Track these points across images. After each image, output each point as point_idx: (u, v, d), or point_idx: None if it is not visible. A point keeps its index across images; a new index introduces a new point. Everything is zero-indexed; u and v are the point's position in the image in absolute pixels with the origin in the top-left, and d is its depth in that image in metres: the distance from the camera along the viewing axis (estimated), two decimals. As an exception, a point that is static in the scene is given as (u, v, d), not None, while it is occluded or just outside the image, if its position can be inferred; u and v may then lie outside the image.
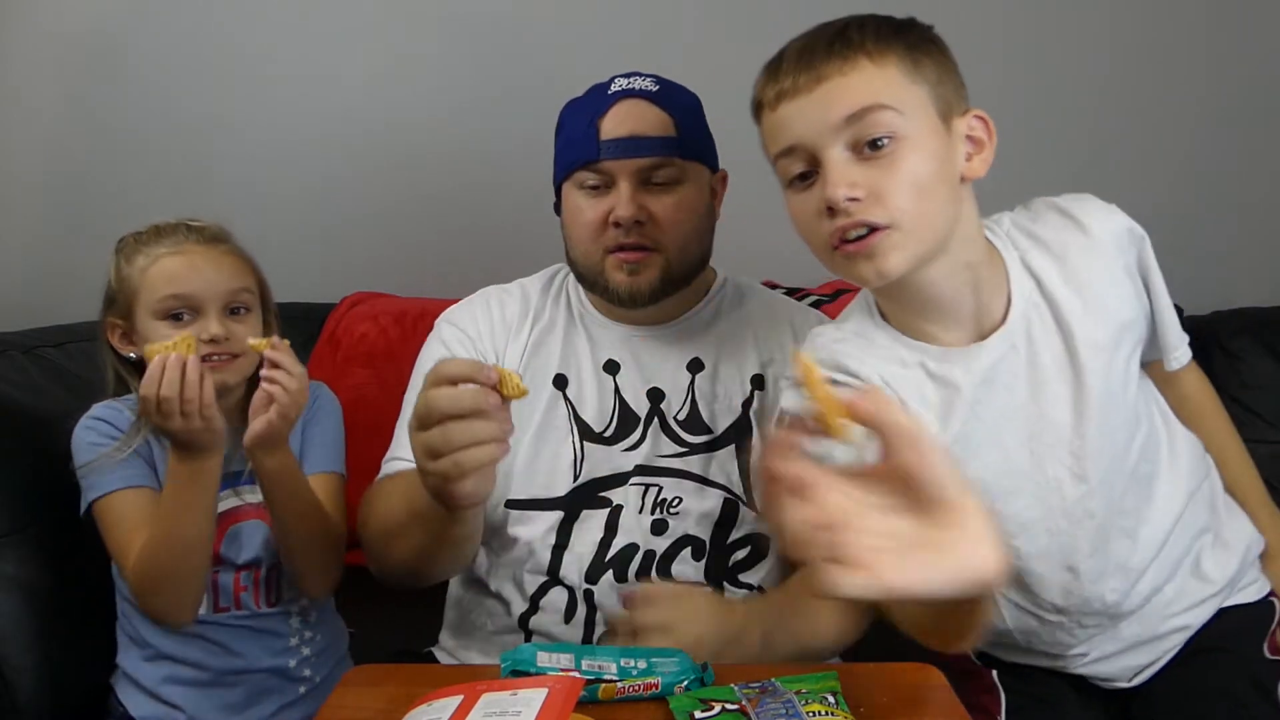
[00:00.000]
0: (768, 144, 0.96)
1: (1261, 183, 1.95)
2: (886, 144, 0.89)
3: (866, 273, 0.93)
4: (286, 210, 1.91)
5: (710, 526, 1.21)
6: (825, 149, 0.89)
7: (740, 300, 1.30)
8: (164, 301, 1.20)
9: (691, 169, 1.20)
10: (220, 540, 1.22)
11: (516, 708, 0.78)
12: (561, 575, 1.20)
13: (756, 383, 1.24)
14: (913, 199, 0.90)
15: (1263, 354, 1.72)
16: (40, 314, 1.67)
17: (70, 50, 1.91)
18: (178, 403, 1.07)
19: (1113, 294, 1.04)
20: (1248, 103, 1.93)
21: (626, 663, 0.95)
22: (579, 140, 1.19)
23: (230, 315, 1.23)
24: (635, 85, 1.20)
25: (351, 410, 1.39)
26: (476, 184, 1.95)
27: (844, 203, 0.89)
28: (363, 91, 1.93)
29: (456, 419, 0.84)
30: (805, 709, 0.84)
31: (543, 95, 1.92)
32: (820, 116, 0.89)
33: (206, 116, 1.92)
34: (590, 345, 1.26)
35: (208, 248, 1.24)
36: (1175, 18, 1.91)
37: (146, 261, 1.22)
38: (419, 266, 1.93)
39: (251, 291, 1.26)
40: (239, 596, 1.25)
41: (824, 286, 1.82)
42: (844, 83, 0.89)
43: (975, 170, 0.97)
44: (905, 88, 0.91)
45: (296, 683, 1.29)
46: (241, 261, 1.26)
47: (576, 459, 1.21)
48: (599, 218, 1.18)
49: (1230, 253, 1.93)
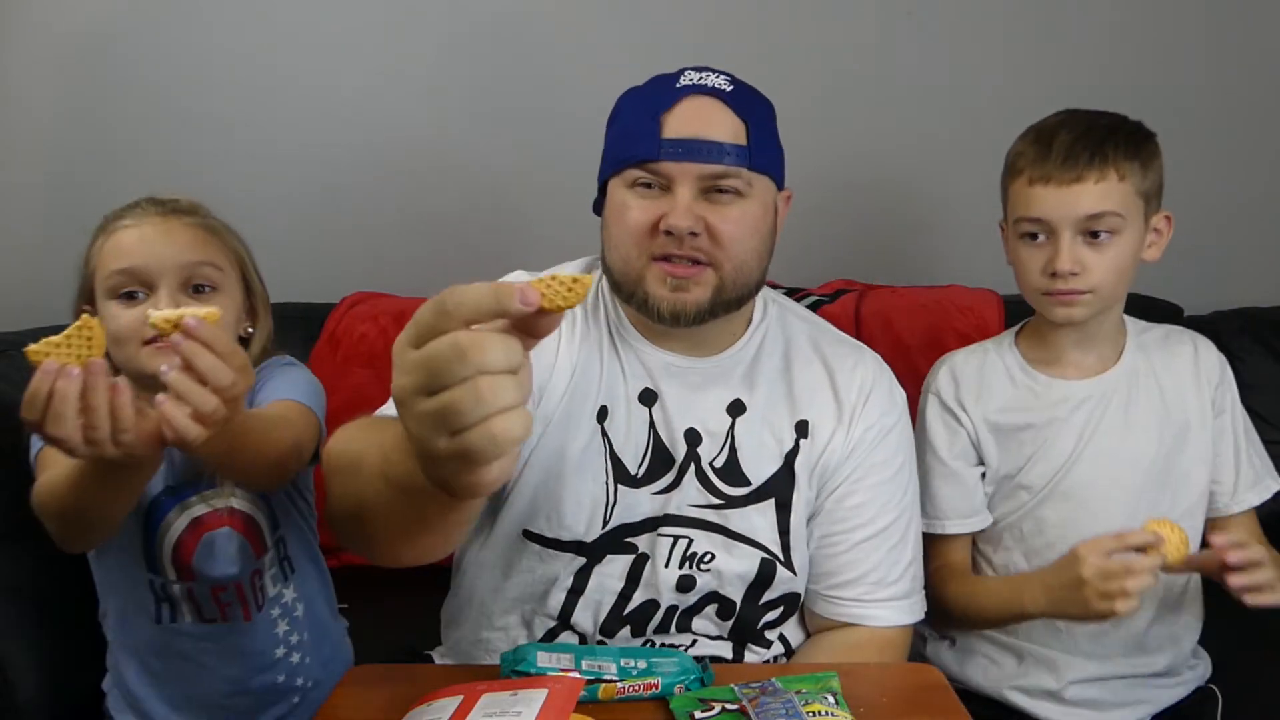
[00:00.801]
0: (1016, 204, 1.21)
1: (1261, 183, 1.96)
2: (1106, 236, 1.17)
3: (1059, 316, 1.20)
4: (286, 211, 1.91)
5: (743, 587, 1.12)
6: (1063, 231, 1.17)
7: (783, 336, 1.18)
8: (111, 278, 1.08)
9: (759, 183, 1.08)
10: (192, 553, 1.14)
11: (516, 708, 0.78)
12: (574, 622, 1.11)
13: (801, 430, 1.13)
14: (1111, 278, 1.18)
15: (1263, 354, 1.73)
16: (40, 314, 1.67)
17: (69, 51, 1.91)
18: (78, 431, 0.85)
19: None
20: (1248, 103, 1.93)
21: (626, 663, 0.95)
22: (638, 135, 1.06)
23: (192, 293, 1.10)
24: (707, 81, 1.08)
25: (351, 410, 1.37)
26: (477, 184, 1.95)
27: (1068, 276, 1.17)
28: (363, 92, 1.92)
29: (487, 375, 0.59)
30: (805, 709, 0.84)
31: (543, 96, 1.94)
32: (1069, 210, 1.16)
33: (206, 117, 1.92)
34: (627, 370, 1.13)
35: (164, 219, 1.12)
36: (1175, 17, 1.91)
37: (104, 238, 1.12)
38: (419, 266, 1.93)
39: (219, 268, 1.13)
40: (225, 611, 1.17)
41: (824, 287, 1.82)
42: (1094, 189, 1.15)
43: (1152, 256, 1.23)
44: (1132, 198, 1.18)
45: (290, 693, 1.24)
46: (205, 234, 1.13)
47: (609, 504, 1.10)
48: (649, 221, 1.05)
49: (1230, 253, 1.94)
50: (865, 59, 1.92)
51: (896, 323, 1.70)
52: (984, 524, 1.27)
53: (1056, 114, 1.22)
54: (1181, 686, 1.29)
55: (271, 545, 1.20)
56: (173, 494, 1.15)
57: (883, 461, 1.15)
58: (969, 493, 1.27)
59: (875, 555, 1.14)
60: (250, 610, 1.18)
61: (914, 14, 1.90)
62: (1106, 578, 1.05)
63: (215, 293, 1.12)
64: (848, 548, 1.14)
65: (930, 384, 1.32)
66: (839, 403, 1.15)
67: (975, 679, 1.28)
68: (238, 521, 1.16)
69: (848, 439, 1.13)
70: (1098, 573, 1.06)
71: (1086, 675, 1.25)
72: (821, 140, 1.93)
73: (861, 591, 1.14)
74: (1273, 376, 1.71)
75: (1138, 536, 1.06)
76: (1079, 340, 1.26)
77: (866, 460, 1.14)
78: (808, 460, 1.13)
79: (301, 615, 1.25)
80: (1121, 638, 1.25)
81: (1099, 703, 1.25)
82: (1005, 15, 1.90)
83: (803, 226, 1.90)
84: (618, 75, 1.21)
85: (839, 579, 1.14)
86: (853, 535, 1.13)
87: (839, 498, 1.14)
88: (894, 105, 1.92)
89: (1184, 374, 1.27)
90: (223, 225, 1.18)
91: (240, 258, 1.18)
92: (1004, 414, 1.27)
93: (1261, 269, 1.95)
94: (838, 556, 1.14)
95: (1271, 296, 1.86)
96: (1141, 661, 1.26)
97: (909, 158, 1.94)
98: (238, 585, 1.17)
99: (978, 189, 1.40)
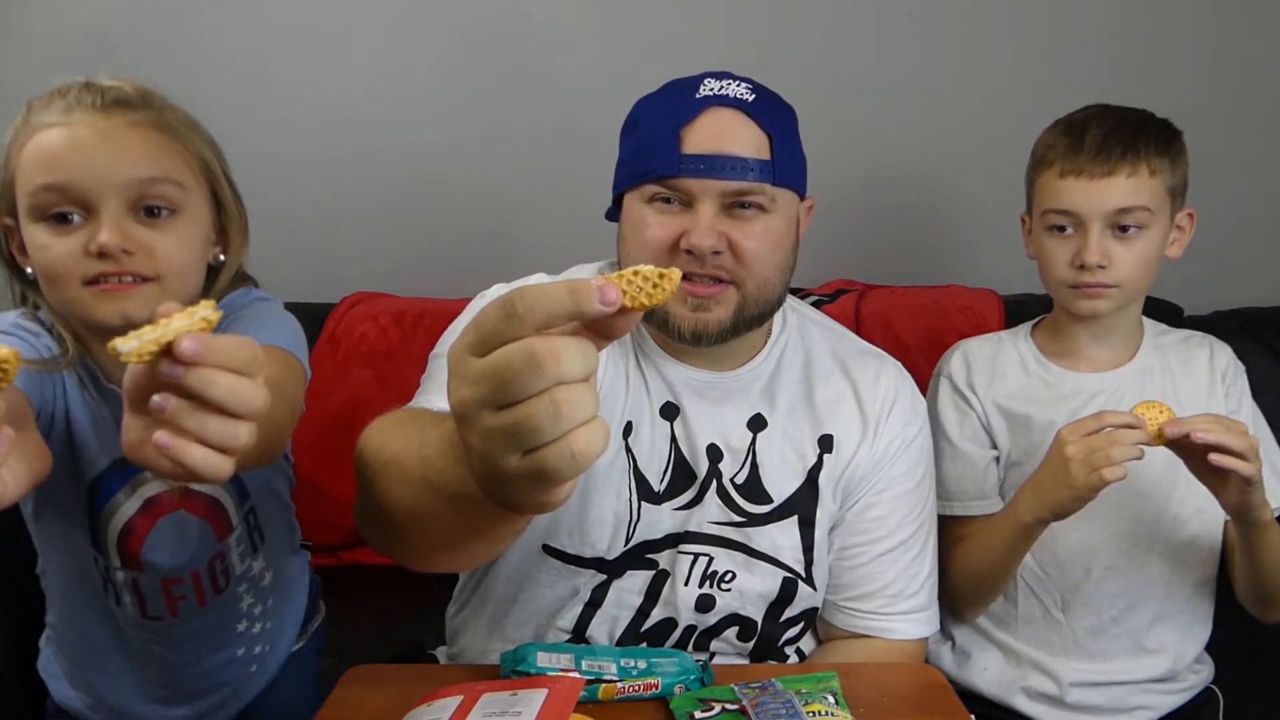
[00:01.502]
0: (1044, 196, 1.20)
1: (1262, 183, 1.95)
2: (1134, 231, 1.17)
3: (1084, 309, 1.21)
4: (287, 211, 1.90)
5: (764, 606, 1.10)
6: (1092, 224, 1.17)
7: (803, 348, 1.16)
8: (37, 194, 0.86)
9: (782, 197, 1.05)
10: (142, 541, 0.99)
11: (516, 708, 0.78)
12: (589, 636, 1.09)
13: (825, 445, 1.11)
14: (1137, 271, 1.19)
15: (1263, 354, 1.72)
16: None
17: (69, 52, 1.90)
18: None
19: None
20: (1248, 103, 1.93)
21: (626, 663, 0.95)
22: (656, 149, 1.02)
23: (144, 217, 0.88)
24: (729, 92, 1.03)
25: (351, 410, 1.39)
26: (477, 185, 1.95)
27: (1095, 269, 1.17)
28: (364, 93, 1.92)
29: (564, 385, 0.53)
30: (805, 709, 0.84)
31: (543, 97, 1.94)
32: (1099, 202, 1.16)
33: (206, 116, 1.88)
34: (649, 384, 1.10)
35: (105, 116, 0.87)
36: (1176, 17, 1.91)
37: (26, 134, 0.88)
38: (419, 266, 1.93)
39: (179, 184, 0.90)
40: (174, 605, 1.02)
41: (824, 287, 1.82)
42: (1125, 183, 1.16)
43: (1174, 253, 1.24)
44: (1161, 194, 1.18)
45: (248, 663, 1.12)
46: (161, 137, 0.90)
47: (632, 521, 1.07)
48: (669, 238, 1.02)
49: (1230, 253, 1.93)
50: (866, 60, 1.91)
51: (896, 323, 1.70)
52: (994, 508, 1.25)
53: (1085, 108, 1.22)
54: (1184, 692, 1.28)
55: (239, 521, 1.04)
56: (121, 470, 0.97)
57: (905, 473, 1.13)
58: (979, 475, 1.26)
59: (895, 568, 1.12)
60: (207, 597, 1.04)
61: (914, 14, 1.90)
62: (1090, 450, 1.05)
63: (175, 216, 0.90)
64: (868, 560, 1.12)
65: (943, 368, 1.32)
66: (863, 415, 1.12)
67: (975, 681, 1.28)
68: (198, 505, 1.00)
69: (873, 451, 1.12)
70: (1081, 447, 1.06)
71: (1087, 679, 1.24)
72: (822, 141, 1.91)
73: (880, 604, 1.12)
74: (1273, 376, 1.70)
75: (1118, 417, 1.07)
76: (1096, 335, 1.26)
77: (889, 472, 1.12)
78: (832, 475, 1.11)
79: (270, 582, 1.10)
80: (1121, 636, 1.25)
81: (1100, 708, 1.25)
82: (1006, 15, 1.90)
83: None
84: (619, 78, 1.21)
85: (857, 591, 1.13)
86: (874, 548, 1.12)
87: (861, 509, 1.12)
88: (894, 105, 1.92)
89: (1200, 377, 1.28)
90: (184, 121, 0.95)
91: (207, 165, 0.96)
92: (1014, 401, 1.26)
93: (1261, 269, 1.95)
94: (858, 569, 1.13)
95: (1271, 296, 1.85)
96: (1142, 664, 1.25)
97: (909, 158, 1.94)
98: (194, 574, 1.02)
99: (979, 189, 1.40)
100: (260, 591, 1.10)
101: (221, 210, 0.97)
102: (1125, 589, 1.24)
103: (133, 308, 0.85)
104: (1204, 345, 1.31)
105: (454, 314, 1.26)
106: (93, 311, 0.86)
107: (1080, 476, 1.05)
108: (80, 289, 0.86)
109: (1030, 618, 1.26)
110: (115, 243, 0.84)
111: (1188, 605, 1.27)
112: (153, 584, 1.01)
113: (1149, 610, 1.25)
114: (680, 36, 1.89)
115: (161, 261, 0.88)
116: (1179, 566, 1.25)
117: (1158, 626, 1.26)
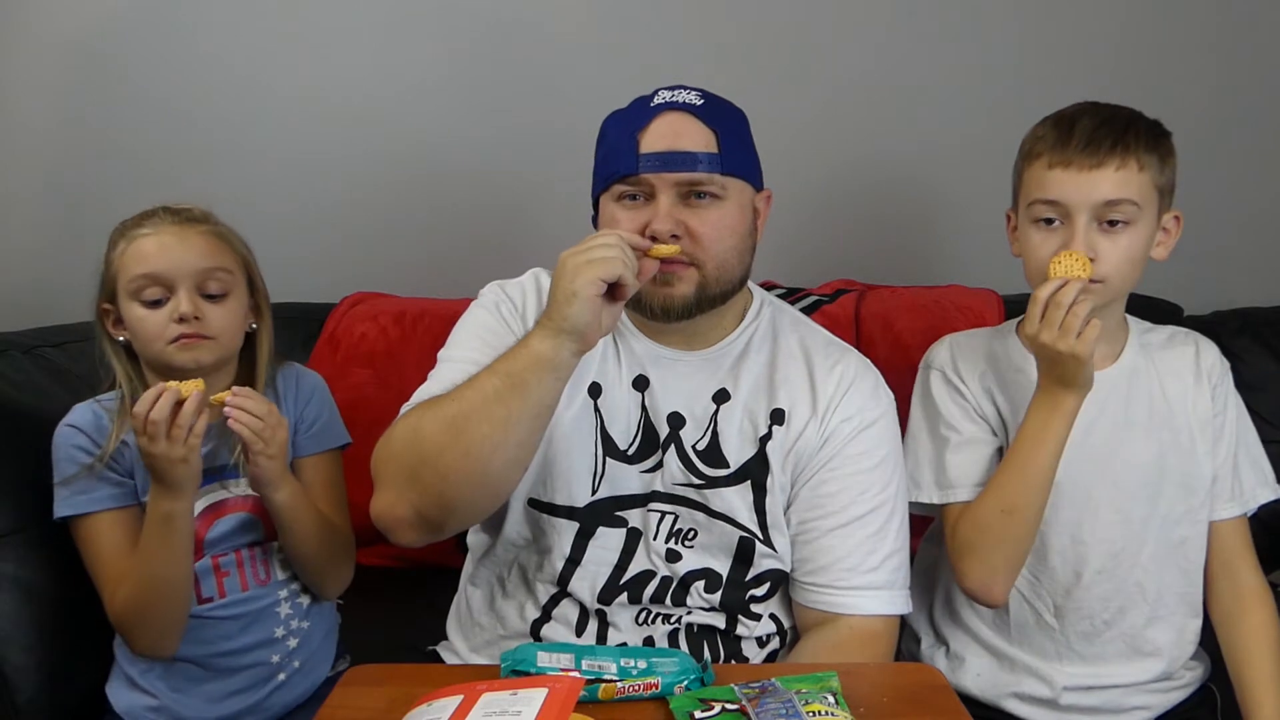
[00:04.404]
0: (1031, 188, 1.19)
1: (1261, 183, 1.96)
2: (1121, 226, 1.16)
3: None
4: (287, 211, 1.91)
5: (728, 562, 1.20)
6: (1079, 216, 1.15)
7: (772, 335, 1.27)
8: (135, 281, 1.20)
9: (733, 186, 1.17)
10: (204, 534, 1.22)
11: (516, 708, 0.78)
12: (571, 589, 1.19)
13: (776, 417, 1.21)
14: (1124, 268, 1.17)
15: (1262, 354, 1.73)
16: (40, 314, 1.67)
17: (69, 52, 1.91)
18: (165, 425, 1.08)
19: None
20: (1248, 103, 1.93)
21: (626, 663, 0.95)
22: (619, 153, 1.16)
23: (207, 298, 1.22)
24: (679, 98, 1.17)
25: (351, 410, 1.39)
26: (476, 185, 1.95)
27: None
28: (363, 94, 1.93)
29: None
30: (805, 709, 0.84)
31: (543, 96, 1.94)
32: (1087, 194, 1.15)
33: (207, 119, 1.92)
34: (623, 358, 1.23)
35: (181, 227, 1.23)
36: (1177, 18, 1.91)
37: (125, 244, 1.23)
38: (419, 266, 1.93)
39: (230, 272, 1.24)
40: (222, 583, 1.25)
41: (824, 287, 1.82)
42: (1114, 175, 1.15)
43: (1160, 254, 1.22)
44: (1149, 189, 1.17)
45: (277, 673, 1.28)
46: (218, 242, 1.25)
47: (596, 473, 1.20)
48: (636, 229, 1.14)
49: (1230, 253, 1.94)
50: (866, 61, 1.92)
51: (896, 323, 1.70)
52: None
53: (1075, 105, 1.22)
54: (1179, 690, 1.28)
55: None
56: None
57: (861, 453, 1.20)
58: (980, 460, 1.24)
59: (849, 542, 1.18)
60: (249, 582, 1.26)
61: (916, 15, 1.90)
62: (1053, 325, 1.09)
63: (226, 295, 1.24)
64: (821, 534, 1.19)
65: (931, 359, 1.31)
66: (814, 395, 1.21)
67: (968, 686, 1.27)
68: (250, 505, 1.24)
69: (821, 429, 1.20)
70: (1045, 327, 1.09)
71: (1081, 683, 1.24)
72: (822, 141, 1.94)
73: (835, 577, 1.18)
74: (1273, 376, 1.71)
75: (1045, 288, 1.11)
76: None
77: (843, 451, 1.20)
78: (781, 446, 1.20)
79: (306, 605, 1.30)
80: (1115, 639, 1.24)
81: (1095, 710, 1.25)
82: (1007, 16, 1.90)
83: (803, 227, 1.91)
84: (618, 78, 1.22)
85: (812, 565, 1.20)
86: (825, 522, 1.19)
87: (814, 485, 1.20)
88: (894, 106, 1.93)
89: (1186, 376, 1.27)
90: (230, 231, 1.28)
91: (245, 260, 1.28)
92: (1001, 398, 1.26)
93: (1261, 269, 1.95)
94: (811, 543, 1.20)
95: (1271, 296, 1.86)
96: (1137, 667, 1.25)
97: (909, 158, 1.95)
98: (237, 554, 1.25)
99: (978, 189, 1.40)
100: (296, 608, 1.29)
101: (255, 291, 1.29)
102: (1117, 592, 1.24)
103: (200, 356, 1.21)
104: (1189, 343, 1.30)
105: (454, 314, 1.28)
106: (173, 359, 1.21)
107: (1064, 346, 1.09)
108: (165, 346, 1.21)
109: (1023, 623, 1.26)
110: (190, 311, 1.20)
111: (1181, 606, 1.27)
112: (206, 566, 1.23)
113: (1142, 613, 1.24)
114: (681, 37, 1.89)
115: (218, 326, 1.22)
116: (1170, 568, 1.25)
117: (1151, 629, 1.25)
